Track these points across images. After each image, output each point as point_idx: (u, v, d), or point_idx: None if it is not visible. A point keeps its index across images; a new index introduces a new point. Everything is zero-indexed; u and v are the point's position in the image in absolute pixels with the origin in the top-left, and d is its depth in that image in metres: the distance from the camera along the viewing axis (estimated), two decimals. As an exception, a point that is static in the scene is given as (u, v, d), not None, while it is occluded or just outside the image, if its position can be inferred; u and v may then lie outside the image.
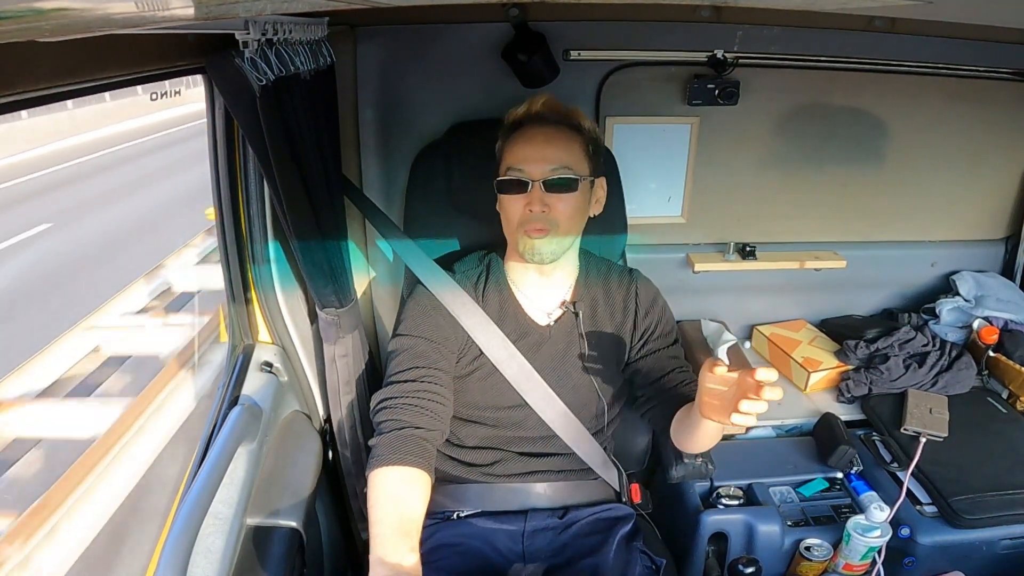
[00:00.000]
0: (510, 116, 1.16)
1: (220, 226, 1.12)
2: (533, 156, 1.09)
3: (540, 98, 1.14)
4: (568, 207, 1.10)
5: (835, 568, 1.26)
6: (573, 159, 1.10)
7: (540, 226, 1.09)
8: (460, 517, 1.17)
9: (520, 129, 1.13)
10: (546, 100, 1.14)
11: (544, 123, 1.13)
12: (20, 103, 0.60)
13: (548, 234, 1.09)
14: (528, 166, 1.09)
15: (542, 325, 1.19)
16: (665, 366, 1.19)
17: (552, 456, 1.18)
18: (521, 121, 1.14)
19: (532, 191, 1.09)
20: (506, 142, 1.14)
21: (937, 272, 1.83)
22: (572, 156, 1.10)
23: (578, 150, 1.12)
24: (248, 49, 0.83)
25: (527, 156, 1.09)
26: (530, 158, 1.09)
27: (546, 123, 1.13)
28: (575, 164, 1.10)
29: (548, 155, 1.09)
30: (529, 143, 1.10)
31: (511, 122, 1.15)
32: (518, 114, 1.15)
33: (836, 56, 1.51)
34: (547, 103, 1.14)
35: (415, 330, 1.14)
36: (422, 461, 1.02)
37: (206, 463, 0.94)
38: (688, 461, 1.25)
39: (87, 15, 0.47)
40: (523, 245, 1.11)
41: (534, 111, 1.14)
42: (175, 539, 0.82)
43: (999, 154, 1.72)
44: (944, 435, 1.42)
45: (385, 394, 1.09)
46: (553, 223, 1.09)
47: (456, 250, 1.35)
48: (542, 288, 1.19)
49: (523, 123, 1.14)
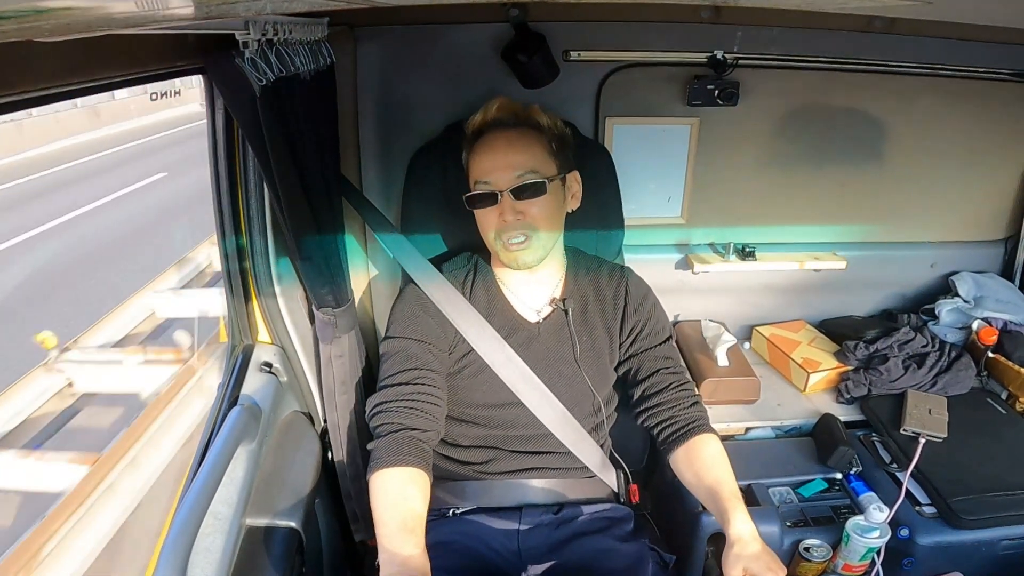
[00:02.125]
0: (469, 126, 1.16)
1: (220, 226, 1.12)
2: (497, 165, 1.09)
3: (495, 102, 1.14)
4: (541, 210, 1.10)
5: (834, 569, 1.26)
6: (537, 161, 1.10)
7: (517, 234, 1.09)
8: (456, 514, 1.17)
9: (481, 138, 1.14)
10: (500, 104, 1.14)
11: (503, 128, 1.13)
12: (20, 103, 0.60)
13: (528, 242, 1.10)
14: (493, 176, 1.09)
15: (531, 322, 1.19)
16: (655, 366, 1.19)
17: (547, 454, 1.18)
18: (480, 129, 1.14)
19: (503, 201, 1.09)
20: (470, 153, 1.15)
21: (936, 273, 1.83)
22: (536, 158, 1.10)
23: (540, 150, 1.11)
24: (248, 49, 0.83)
25: (491, 166, 1.10)
26: (494, 168, 1.09)
27: (505, 127, 1.12)
28: (540, 166, 1.10)
29: (512, 161, 1.09)
30: (491, 152, 1.11)
31: (471, 131, 1.15)
32: (476, 122, 1.15)
33: (836, 56, 1.51)
34: (501, 106, 1.14)
35: (404, 332, 1.15)
36: (420, 461, 1.03)
37: (205, 463, 0.94)
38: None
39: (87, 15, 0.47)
40: (505, 257, 1.12)
41: (490, 117, 1.14)
42: (175, 539, 0.83)
43: (999, 154, 1.72)
44: (943, 436, 1.42)
45: (380, 398, 1.10)
46: (530, 228, 1.09)
47: (451, 250, 1.36)
48: (530, 286, 1.19)
49: (483, 131, 1.14)
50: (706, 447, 1.12)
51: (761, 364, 1.75)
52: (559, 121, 1.18)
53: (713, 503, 1.05)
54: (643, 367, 1.19)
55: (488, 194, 1.10)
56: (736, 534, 0.96)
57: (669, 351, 1.22)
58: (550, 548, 1.13)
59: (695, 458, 1.11)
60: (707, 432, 1.14)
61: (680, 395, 1.17)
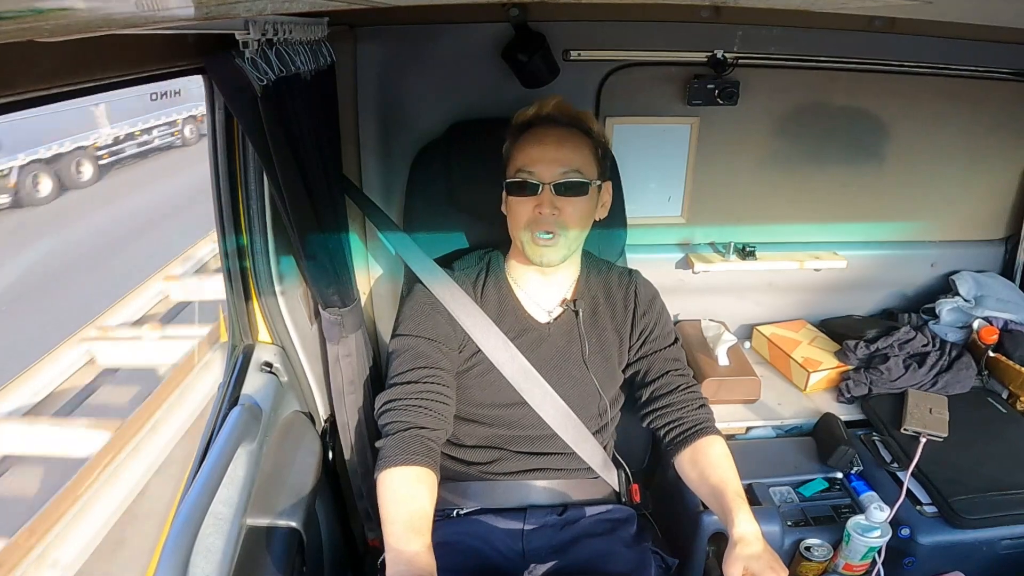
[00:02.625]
0: (519, 117, 1.15)
1: (220, 226, 1.12)
2: (544, 158, 1.08)
3: (551, 100, 1.14)
4: (577, 211, 1.10)
5: (835, 568, 1.26)
6: (583, 162, 1.10)
7: (549, 228, 1.08)
8: (460, 514, 1.17)
9: (530, 130, 1.12)
10: (557, 102, 1.14)
11: (555, 125, 1.12)
12: (20, 103, 0.60)
13: (556, 239, 1.09)
14: (538, 168, 1.08)
15: (541, 323, 1.19)
16: (663, 367, 1.19)
17: (552, 455, 1.18)
18: (531, 122, 1.13)
19: (542, 194, 1.08)
20: (515, 143, 1.13)
21: (937, 272, 1.83)
22: (582, 159, 1.10)
23: (588, 153, 1.11)
24: (248, 49, 0.83)
25: (538, 158, 1.09)
26: (541, 160, 1.08)
27: (557, 125, 1.12)
28: (585, 168, 1.10)
29: (559, 157, 1.08)
30: (540, 144, 1.10)
31: (520, 123, 1.14)
32: (528, 115, 1.14)
33: (836, 56, 1.51)
34: (558, 105, 1.13)
35: (415, 330, 1.14)
36: (428, 460, 1.03)
37: (206, 463, 0.94)
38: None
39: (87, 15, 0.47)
40: (530, 251, 1.11)
41: (544, 112, 1.13)
42: (175, 539, 0.83)
43: (999, 154, 1.72)
44: (944, 435, 1.42)
45: (389, 396, 1.10)
46: (562, 226, 1.09)
47: (456, 249, 1.36)
48: (543, 287, 1.19)
49: (533, 124, 1.13)
50: (711, 448, 1.12)
51: (762, 364, 1.75)
52: (604, 131, 1.18)
53: (717, 503, 1.05)
54: (652, 369, 1.20)
55: (529, 183, 1.09)
56: (739, 534, 0.96)
57: (677, 353, 1.22)
58: (554, 549, 1.13)
59: (700, 458, 1.11)
60: (713, 434, 1.14)
61: (688, 397, 1.17)
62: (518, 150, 1.12)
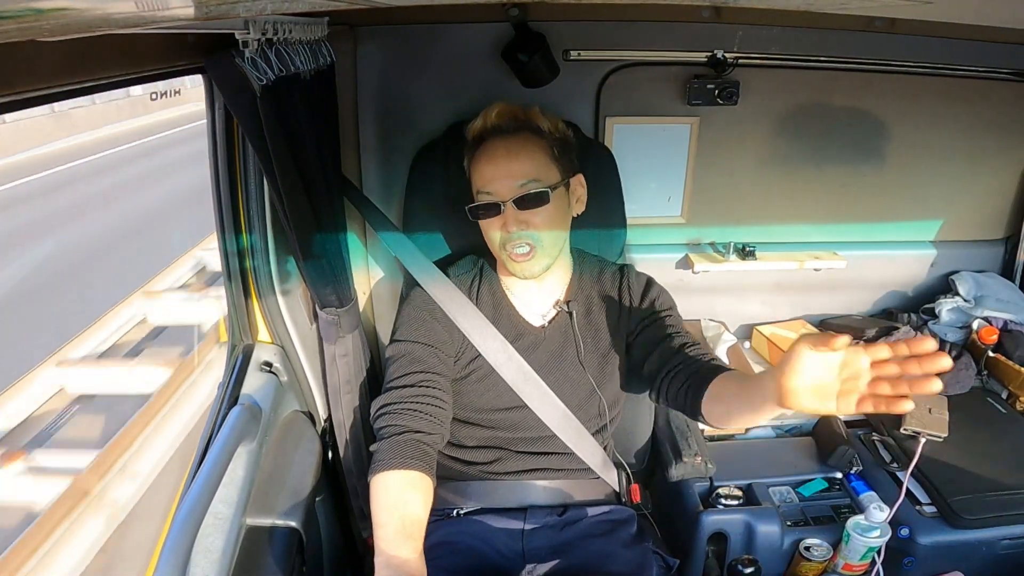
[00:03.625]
0: (469, 131, 1.14)
1: (220, 226, 1.12)
2: (498, 175, 1.07)
3: (494, 108, 1.12)
4: (545, 219, 1.08)
5: (835, 568, 1.26)
6: (539, 169, 1.08)
7: (522, 243, 1.07)
8: (460, 514, 1.17)
9: (481, 145, 1.12)
10: (500, 109, 1.12)
11: (503, 134, 1.10)
12: (20, 103, 0.60)
13: (532, 252, 1.08)
14: (495, 186, 1.07)
15: (536, 326, 1.19)
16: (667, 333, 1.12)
17: (551, 455, 1.18)
18: (480, 136, 1.12)
19: (506, 212, 1.07)
20: (471, 161, 1.13)
21: (937, 272, 1.83)
22: (537, 166, 1.08)
23: (542, 157, 1.09)
24: (248, 49, 0.83)
25: (492, 176, 1.08)
26: (495, 177, 1.07)
27: (504, 134, 1.10)
28: (542, 174, 1.08)
29: (513, 170, 1.07)
30: (491, 161, 1.09)
31: (471, 138, 1.14)
32: (475, 128, 1.13)
33: (836, 56, 1.51)
34: (500, 112, 1.12)
35: (411, 335, 1.14)
36: (423, 464, 1.02)
37: (206, 463, 0.94)
38: (687, 460, 1.25)
39: (87, 15, 0.47)
40: (510, 267, 1.11)
41: (490, 124, 1.12)
42: (175, 538, 0.83)
43: (999, 154, 1.72)
44: (944, 435, 1.42)
45: (384, 400, 1.09)
46: (535, 239, 1.08)
47: (455, 250, 1.36)
48: (536, 291, 1.19)
49: (483, 138, 1.12)
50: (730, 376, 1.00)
51: (761, 363, 1.75)
52: (560, 123, 1.16)
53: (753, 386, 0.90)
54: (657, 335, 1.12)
55: (491, 204, 1.08)
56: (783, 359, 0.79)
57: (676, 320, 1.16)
58: (554, 549, 1.13)
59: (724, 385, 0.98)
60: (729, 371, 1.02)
61: (697, 352, 1.08)
62: (474, 169, 1.12)
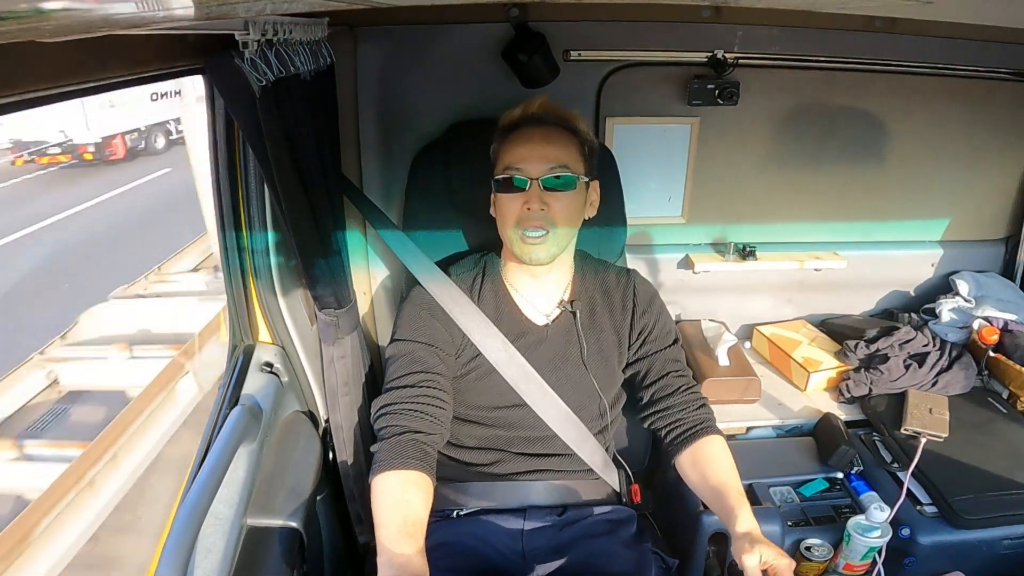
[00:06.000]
0: (506, 118, 1.16)
1: (220, 226, 1.12)
2: (531, 155, 1.09)
3: (536, 100, 1.15)
4: (565, 207, 1.10)
5: (835, 568, 1.26)
6: (571, 159, 1.11)
7: (538, 224, 1.09)
8: (460, 515, 1.17)
9: (517, 130, 1.14)
10: (542, 102, 1.15)
11: (541, 124, 1.13)
12: (21, 103, 0.60)
13: (546, 236, 1.09)
14: (527, 164, 1.09)
15: (539, 325, 1.19)
16: (664, 368, 1.19)
17: (552, 456, 1.18)
18: (517, 123, 1.14)
19: (530, 189, 1.09)
20: (502, 143, 1.14)
21: (937, 272, 1.83)
22: (570, 156, 1.11)
23: (575, 151, 1.12)
24: (248, 49, 0.83)
25: (525, 155, 1.10)
26: (528, 157, 1.09)
27: (543, 124, 1.13)
28: (573, 164, 1.11)
29: (547, 154, 1.09)
30: (527, 142, 1.11)
31: (507, 123, 1.15)
32: (514, 116, 1.15)
33: (836, 56, 1.51)
34: (543, 105, 1.14)
35: (411, 335, 1.14)
36: (423, 464, 1.03)
37: (207, 463, 0.94)
38: None
39: (87, 15, 0.47)
40: (519, 248, 1.12)
41: (530, 112, 1.14)
42: (176, 538, 0.83)
43: (999, 154, 1.72)
44: (944, 435, 1.42)
45: (384, 400, 1.10)
46: (550, 222, 1.09)
47: (455, 251, 1.36)
48: (538, 289, 1.19)
49: (519, 124, 1.14)
50: (711, 447, 1.13)
51: (762, 364, 1.75)
52: (591, 131, 1.19)
53: (718, 502, 1.06)
54: (652, 369, 1.20)
55: (517, 179, 1.10)
56: (743, 530, 0.98)
57: (677, 353, 1.23)
58: (554, 550, 1.13)
59: (701, 458, 1.12)
60: (714, 433, 1.15)
61: (688, 398, 1.18)
62: (505, 150, 1.13)
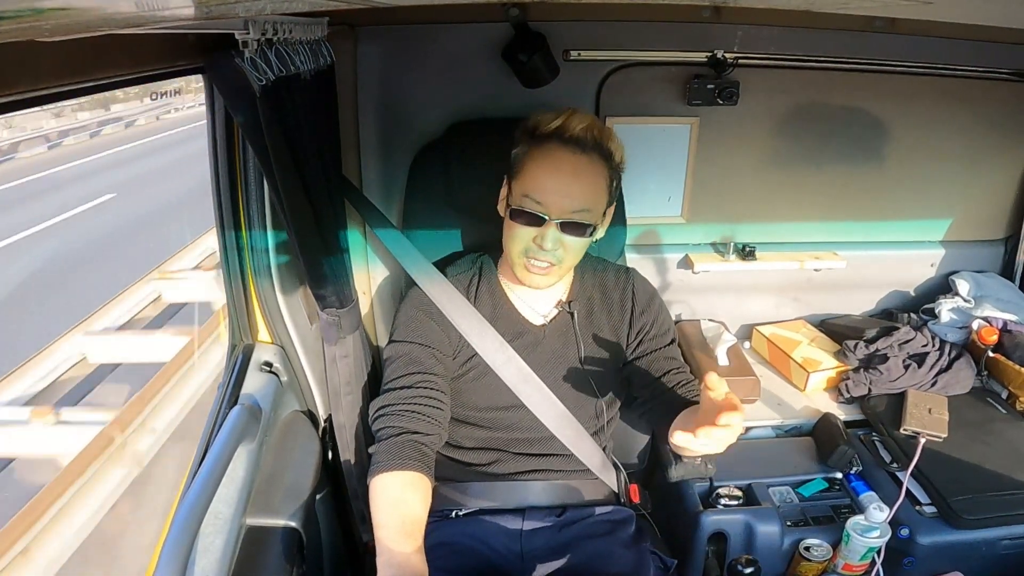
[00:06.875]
0: (541, 123, 1.05)
1: (220, 226, 1.12)
2: (557, 190, 1.02)
3: (576, 116, 1.04)
4: (576, 246, 1.08)
5: (834, 568, 1.26)
6: (596, 198, 1.05)
7: (546, 261, 1.06)
8: (459, 515, 1.17)
9: (547, 146, 1.04)
10: (586, 123, 1.04)
11: (576, 148, 1.03)
12: (20, 103, 0.60)
13: (550, 268, 1.08)
14: (549, 200, 1.03)
15: (536, 325, 1.19)
16: (662, 367, 1.19)
17: (550, 456, 1.18)
18: (551, 136, 1.04)
19: (546, 228, 1.04)
20: (528, 155, 1.06)
21: (937, 272, 1.83)
22: (596, 194, 1.05)
23: (602, 185, 1.06)
24: (248, 49, 0.83)
25: (550, 188, 1.03)
26: (555, 191, 1.02)
27: (578, 149, 1.03)
28: (596, 204, 1.06)
29: (572, 192, 1.03)
30: (555, 172, 1.03)
31: (541, 132, 1.05)
32: (550, 128, 1.04)
33: (836, 56, 1.51)
34: (587, 127, 1.04)
35: (408, 336, 1.14)
36: (421, 465, 1.03)
37: (206, 462, 0.94)
38: (687, 461, 1.24)
39: (87, 15, 0.47)
40: (521, 273, 1.11)
41: (568, 132, 1.03)
42: (175, 538, 0.83)
43: (998, 154, 1.72)
44: (944, 435, 1.42)
45: (382, 401, 1.10)
46: (559, 259, 1.07)
47: (455, 250, 1.36)
48: (536, 291, 1.19)
49: (552, 139, 1.04)
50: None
51: (761, 364, 1.75)
52: (623, 151, 1.11)
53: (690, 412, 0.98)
54: (651, 368, 1.19)
55: (536, 215, 1.04)
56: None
57: (674, 352, 1.22)
58: (552, 550, 1.13)
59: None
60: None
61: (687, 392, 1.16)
62: (529, 169, 1.05)
